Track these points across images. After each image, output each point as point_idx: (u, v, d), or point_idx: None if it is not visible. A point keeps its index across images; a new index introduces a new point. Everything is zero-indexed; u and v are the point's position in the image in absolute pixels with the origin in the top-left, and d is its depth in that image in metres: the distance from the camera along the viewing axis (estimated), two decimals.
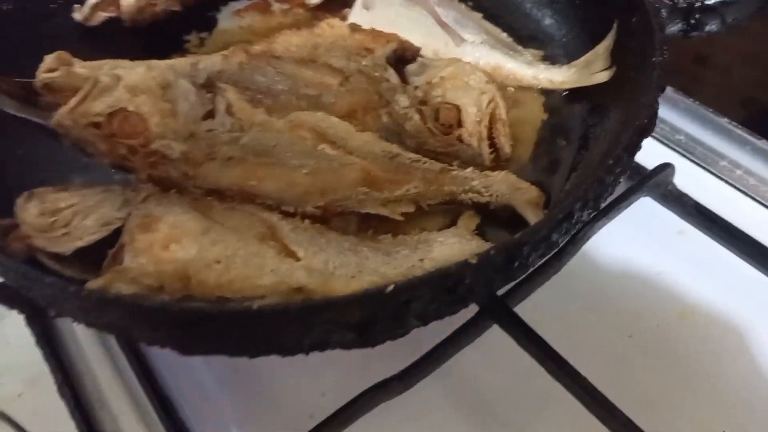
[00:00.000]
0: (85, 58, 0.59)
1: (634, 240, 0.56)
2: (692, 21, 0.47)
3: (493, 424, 0.46)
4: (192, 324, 0.30)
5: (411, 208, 0.45)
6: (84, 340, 0.49)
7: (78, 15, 0.64)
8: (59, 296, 0.31)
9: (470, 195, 0.45)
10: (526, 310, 0.48)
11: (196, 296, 0.37)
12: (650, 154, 0.59)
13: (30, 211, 0.39)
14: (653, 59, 0.42)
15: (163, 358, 0.48)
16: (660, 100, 0.62)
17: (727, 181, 0.58)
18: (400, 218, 0.44)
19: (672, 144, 0.61)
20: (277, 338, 0.33)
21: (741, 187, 0.58)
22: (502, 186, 0.44)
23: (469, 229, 0.45)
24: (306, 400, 0.47)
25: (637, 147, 0.39)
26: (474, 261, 0.32)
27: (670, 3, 0.47)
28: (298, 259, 0.40)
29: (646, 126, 0.39)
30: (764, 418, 0.46)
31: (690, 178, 0.58)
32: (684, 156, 0.60)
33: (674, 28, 0.49)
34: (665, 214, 0.56)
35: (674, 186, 0.56)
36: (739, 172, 0.58)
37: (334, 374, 0.47)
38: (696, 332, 0.51)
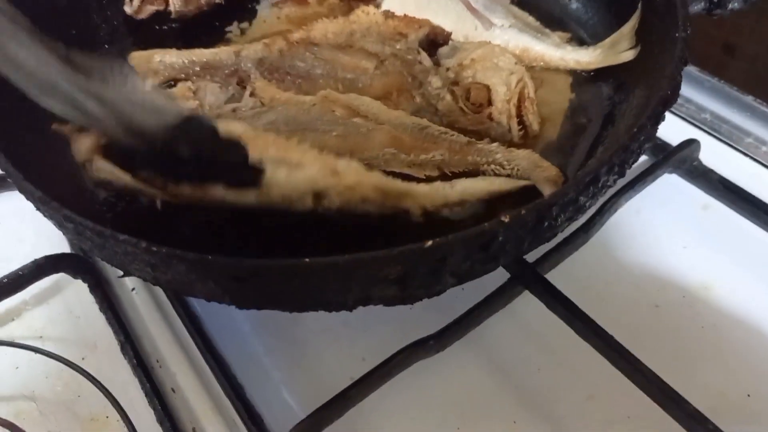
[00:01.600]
0: (134, 48, 0.64)
1: (661, 214, 0.57)
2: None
3: (521, 388, 0.48)
4: (245, 278, 0.33)
5: (435, 172, 0.48)
6: (141, 307, 0.53)
7: (128, 8, 0.69)
8: (132, 252, 0.35)
9: (492, 167, 0.47)
10: (555, 279, 0.50)
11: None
12: (677, 131, 0.61)
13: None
14: (676, 35, 0.44)
15: (217, 324, 0.52)
16: (686, 79, 0.64)
17: (752, 158, 0.60)
18: (424, 177, 0.47)
19: (698, 122, 0.63)
20: (323, 291, 0.36)
21: (766, 163, 0.59)
22: (524, 162, 0.47)
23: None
24: (348, 364, 0.50)
25: (660, 116, 0.41)
26: (506, 219, 0.34)
27: None
28: None
29: (669, 97, 0.41)
30: None
31: (716, 155, 0.59)
32: (710, 134, 0.62)
33: (698, 6, 0.50)
34: (691, 190, 0.58)
35: (700, 162, 0.58)
36: (764, 148, 0.60)
37: (374, 341, 0.50)
38: (721, 302, 0.53)
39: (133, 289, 0.54)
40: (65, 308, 0.56)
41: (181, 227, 0.44)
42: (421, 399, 0.47)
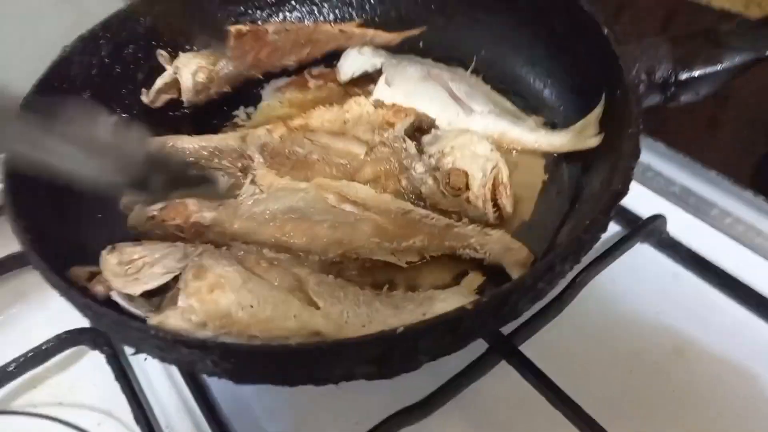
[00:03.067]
0: (150, 133, 0.71)
1: (633, 283, 0.61)
2: (668, 94, 0.54)
3: None
4: (242, 359, 0.38)
5: (415, 258, 0.53)
6: (153, 378, 0.58)
7: (145, 98, 0.76)
8: (142, 337, 0.40)
9: (468, 251, 0.52)
10: (531, 349, 0.54)
11: (232, 333, 0.45)
12: (647, 204, 0.66)
13: (111, 260, 0.49)
14: (629, 131, 0.49)
15: (223, 394, 0.56)
16: (656, 154, 0.70)
17: (718, 228, 0.64)
18: (405, 265, 0.53)
19: (667, 195, 0.67)
20: (311, 370, 0.41)
21: (731, 234, 0.63)
22: (496, 246, 0.52)
23: (471, 288, 0.52)
24: (343, 429, 0.54)
25: (612, 208, 0.45)
26: (470, 307, 0.39)
27: (648, 80, 0.54)
28: (318, 308, 0.48)
29: (621, 190, 0.46)
30: None
31: (684, 226, 0.64)
32: (678, 206, 0.66)
33: (653, 99, 0.56)
34: (661, 260, 0.62)
35: (668, 234, 0.62)
36: (728, 220, 0.64)
37: (366, 407, 0.54)
38: (691, 368, 0.56)
39: (146, 359, 0.59)
40: (84, 377, 0.61)
41: None
42: None
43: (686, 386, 0.55)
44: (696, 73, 0.54)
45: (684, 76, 0.54)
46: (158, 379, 0.58)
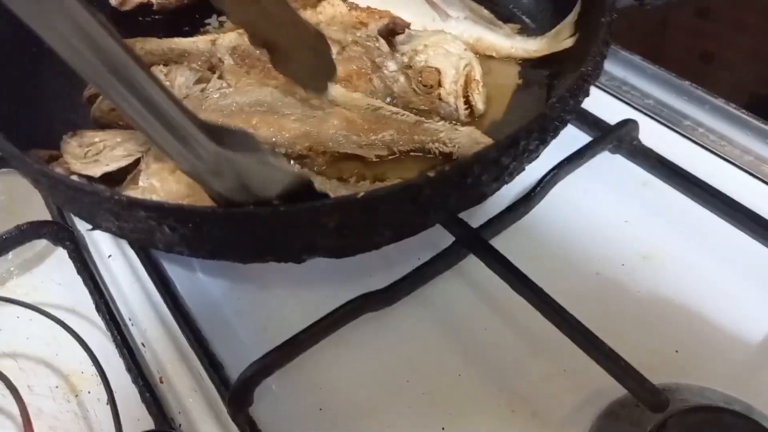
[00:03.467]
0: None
1: (603, 190, 0.61)
2: None
3: (468, 344, 0.52)
4: (200, 222, 0.38)
5: (384, 152, 0.52)
6: (117, 270, 0.57)
7: (113, 0, 0.74)
8: (97, 202, 0.39)
9: (436, 145, 0.52)
10: (499, 245, 0.54)
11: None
12: (621, 115, 0.66)
13: (72, 144, 0.48)
14: (602, 20, 0.48)
15: (186, 285, 0.56)
16: (631, 67, 0.69)
17: (690, 138, 0.64)
18: (375, 159, 0.52)
19: (641, 107, 0.67)
20: (269, 240, 0.40)
21: (702, 143, 0.63)
22: (464, 139, 0.51)
23: None
24: (305, 317, 0.54)
25: (580, 89, 0.45)
26: (432, 174, 0.39)
27: None
28: None
29: (590, 72, 0.45)
30: (711, 339, 0.51)
31: (656, 136, 0.64)
32: (651, 117, 0.66)
33: (626, 1, 0.55)
34: (632, 168, 0.62)
35: (639, 141, 0.62)
36: (701, 129, 0.64)
37: (332, 298, 0.53)
38: (657, 271, 0.56)
39: (109, 255, 0.58)
40: (48, 274, 0.60)
41: None
42: (372, 351, 0.51)
43: (652, 288, 0.55)
44: None
45: None
46: (122, 273, 0.57)
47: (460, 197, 0.42)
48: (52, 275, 0.60)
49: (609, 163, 0.62)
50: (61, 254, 0.60)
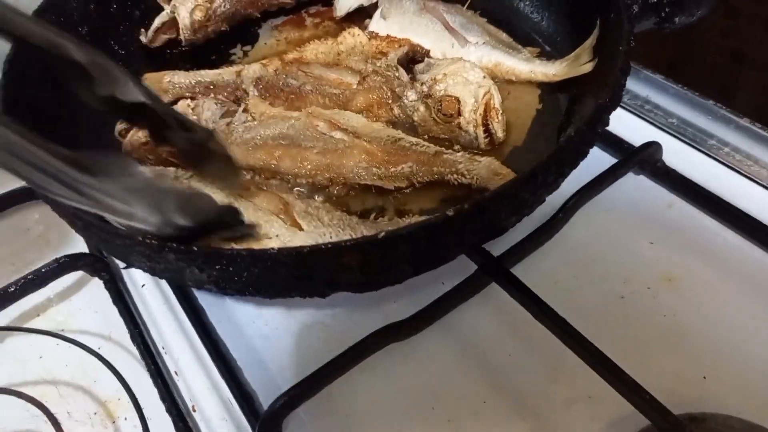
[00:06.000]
0: (149, 71, 0.71)
1: (627, 212, 0.61)
2: (663, 15, 0.53)
3: (491, 371, 0.53)
4: (226, 264, 0.39)
5: (404, 183, 0.53)
6: (150, 300, 0.59)
7: (143, 38, 0.77)
8: (131, 245, 0.41)
9: (456, 177, 0.52)
10: (523, 272, 0.55)
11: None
12: (644, 135, 0.65)
13: None
14: (620, 48, 0.49)
15: (217, 315, 0.58)
16: (653, 87, 0.69)
17: (715, 158, 0.63)
18: (393, 188, 0.53)
19: (665, 127, 0.67)
20: (295, 278, 0.41)
21: (727, 163, 0.62)
22: (483, 171, 0.52)
23: None
24: (333, 350, 0.55)
25: (598, 121, 0.45)
26: (450, 213, 0.39)
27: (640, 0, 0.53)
28: (301, 230, 0.48)
29: (608, 103, 0.45)
30: (738, 365, 0.51)
31: (680, 157, 0.63)
32: (675, 137, 0.66)
33: (648, 22, 0.55)
34: (656, 189, 0.62)
35: (663, 163, 0.61)
36: (726, 149, 0.63)
37: (357, 329, 0.54)
38: (682, 293, 0.56)
39: (143, 285, 0.61)
40: (85, 304, 0.63)
41: None
42: (398, 378, 0.52)
43: (678, 311, 0.55)
44: None
45: None
46: (155, 302, 0.59)
47: (479, 232, 0.43)
48: (89, 304, 0.63)
49: (633, 185, 0.62)
50: (97, 283, 0.62)
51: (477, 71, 0.59)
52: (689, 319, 0.55)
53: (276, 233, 0.48)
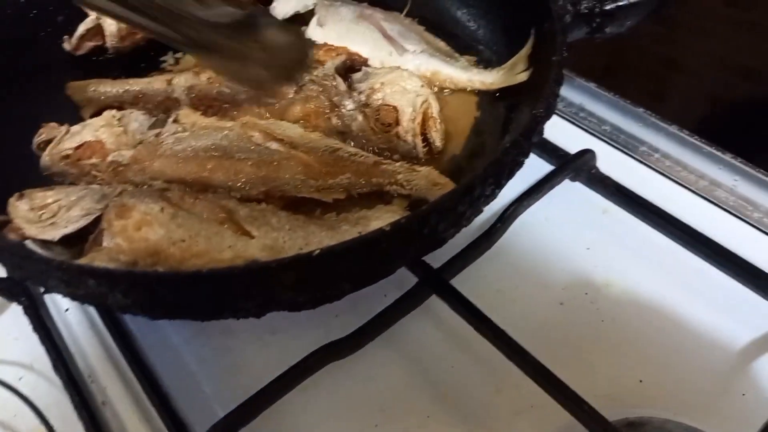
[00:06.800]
0: (74, 80, 0.68)
1: (564, 219, 0.62)
2: (594, 25, 0.54)
3: (435, 384, 0.52)
4: (151, 287, 0.37)
5: (342, 195, 0.52)
6: (75, 326, 0.56)
7: (67, 45, 0.72)
8: (46, 270, 0.38)
9: (394, 187, 0.52)
10: (462, 283, 0.54)
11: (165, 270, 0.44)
12: (578, 142, 0.66)
13: (21, 207, 0.47)
14: (553, 58, 0.49)
15: (150, 344, 0.54)
16: (588, 95, 0.70)
17: (646, 164, 0.65)
18: (330, 201, 0.52)
19: (598, 133, 0.68)
20: (225, 300, 0.39)
21: (659, 169, 0.64)
22: (422, 181, 0.51)
23: (401, 206, 0.51)
24: (273, 371, 0.53)
25: (534, 132, 0.45)
26: (387, 228, 0.38)
27: (573, 10, 0.54)
28: (252, 237, 0.47)
29: (542, 114, 0.45)
30: (674, 368, 0.52)
31: (614, 163, 0.64)
32: (608, 144, 0.67)
33: (580, 32, 0.56)
34: (591, 195, 0.63)
35: (597, 170, 0.63)
36: (657, 155, 0.65)
37: (296, 346, 0.52)
38: (620, 298, 0.57)
39: (66, 309, 0.57)
40: (3, 331, 0.58)
41: None
42: (340, 398, 0.51)
43: (615, 317, 0.56)
44: (620, 3, 0.54)
45: (608, 6, 0.54)
46: (80, 328, 0.55)
47: (418, 246, 0.42)
48: (8, 331, 0.58)
49: (569, 192, 0.63)
50: (15, 309, 0.58)
51: (415, 80, 0.58)
52: (627, 323, 0.56)
53: (228, 244, 0.46)
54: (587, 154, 0.61)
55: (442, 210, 0.40)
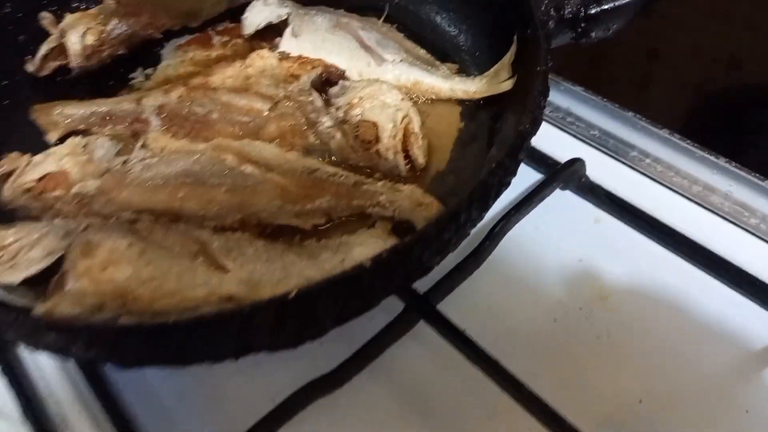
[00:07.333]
0: (38, 102, 0.64)
1: (554, 231, 0.59)
2: (579, 30, 0.52)
3: (427, 412, 0.50)
4: (116, 340, 0.34)
5: (322, 220, 0.49)
6: (47, 371, 0.53)
7: (30, 66, 0.69)
8: (5, 322, 0.35)
9: (377, 209, 0.49)
10: (450, 305, 0.52)
11: (135, 312, 0.41)
12: (566, 149, 0.64)
13: None
14: (538, 68, 0.46)
15: (124, 383, 0.51)
16: (575, 99, 0.68)
17: (637, 170, 0.63)
18: (311, 229, 0.49)
19: (587, 139, 0.66)
20: (200, 347, 0.37)
21: (650, 175, 0.62)
22: (405, 202, 0.48)
23: (385, 229, 0.49)
24: (258, 407, 0.50)
25: (520, 149, 0.43)
26: (368, 264, 0.36)
27: (557, 15, 0.51)
28: (227, 271, 0.44)
29: (528, 130, 0.43)
30: (673, 385, 0.50)
31: (603, 169, 0.62)
32: (597, 149, 0.65)
33: (564, 37, 0.53)
34: (582, 205, 0.61)
35: (587, 178, 0.60)
36: (648, 160, 0.63)
37: (278, 381, 0.50)
38: (615, 311, 0.55)
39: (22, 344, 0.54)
40: None
41: None
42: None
43: (611, 330, 0.54)
44: (605, 7, 0.52)
45: (593, 10, 0.52)
46: (52, 372, 0.52)
47: (402, 277, 0.40)
48: None
49: (558, 201, 0.60)
50: None
51: (394, 93, 0.56)
52: (623, 339, 0.54)
53: (201, 281, 0.43)
54: (577, 163, 0.58)
55: (426, 239, 0.38)
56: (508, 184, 0.44)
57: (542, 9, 0.51)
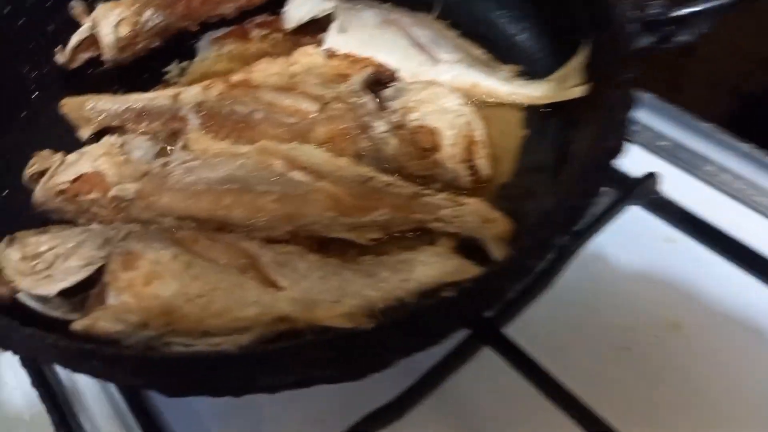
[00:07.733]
0: (69, 95, 0.61)
1: (625, 251, 0.55)
2: (662, 34, 0.47)
3: None
4: (165, 370, 0.30)
5: (379, 234, 0.45)
6: (80, 379, 0.49)
7: (60, 57, 0.65)
8: (39, 347, 0.31)
9: (439, 225, 0.44)
10: (517, 330, 0.48)
11: (180, 331, 0.37)
12: (636, 161, 0.59)
13: (11, 255, 0.40)
14: (622, 77, 0.42)
15: (164, 401, 0.48)
16: (643, 107, 0.63)
17: (712, 185, 0.58)
18: (369, 243, 0.45)
19: (657, 150, 0.61)
20: (255, 380, 0.33)
21: (727, 190, 0.58)
22: (471, 217, 0.44)
23: (449, 246, 0.44)
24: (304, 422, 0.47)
25: (606, 168, 0.38)
26: (448, 294, 0.32)
27: (638, 16, 0.46)
28: (279, 288, 0.40)
29: (615, 147, 0.38)
30: (760, 424, 0.46)
31: (676, 184, 0.57)
32: (669, 162, 0.60)
33: (644, 41, 0.48)
34: (653, 223, 0.56)
35: (660, 194, 0.56)
36: (724, 175, 0.58)
37: (334, 408, 0.47)
38: (692, 342, 0.51)
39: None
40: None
41: None
42: None
43: (688, 364, 0.50)
44: (692, 9, 0.47)
45: (679, 12, 0.47)
46: (86, 384, 0.49)
47: (482, 306, 0.36)
48: (6, 380, 0.52)
49: (627, 218, 0.56)
50: (11, 361, 0.52)
51: (455, 98, 0.51)
52: (702, 371, 0.50)
53: (252, 299, 0.39)
54: (651, 179, 0.54)
55: (509, 272, 0.34)
56: (592, 205, 0.39)
57: (623, 8, 0.46)
